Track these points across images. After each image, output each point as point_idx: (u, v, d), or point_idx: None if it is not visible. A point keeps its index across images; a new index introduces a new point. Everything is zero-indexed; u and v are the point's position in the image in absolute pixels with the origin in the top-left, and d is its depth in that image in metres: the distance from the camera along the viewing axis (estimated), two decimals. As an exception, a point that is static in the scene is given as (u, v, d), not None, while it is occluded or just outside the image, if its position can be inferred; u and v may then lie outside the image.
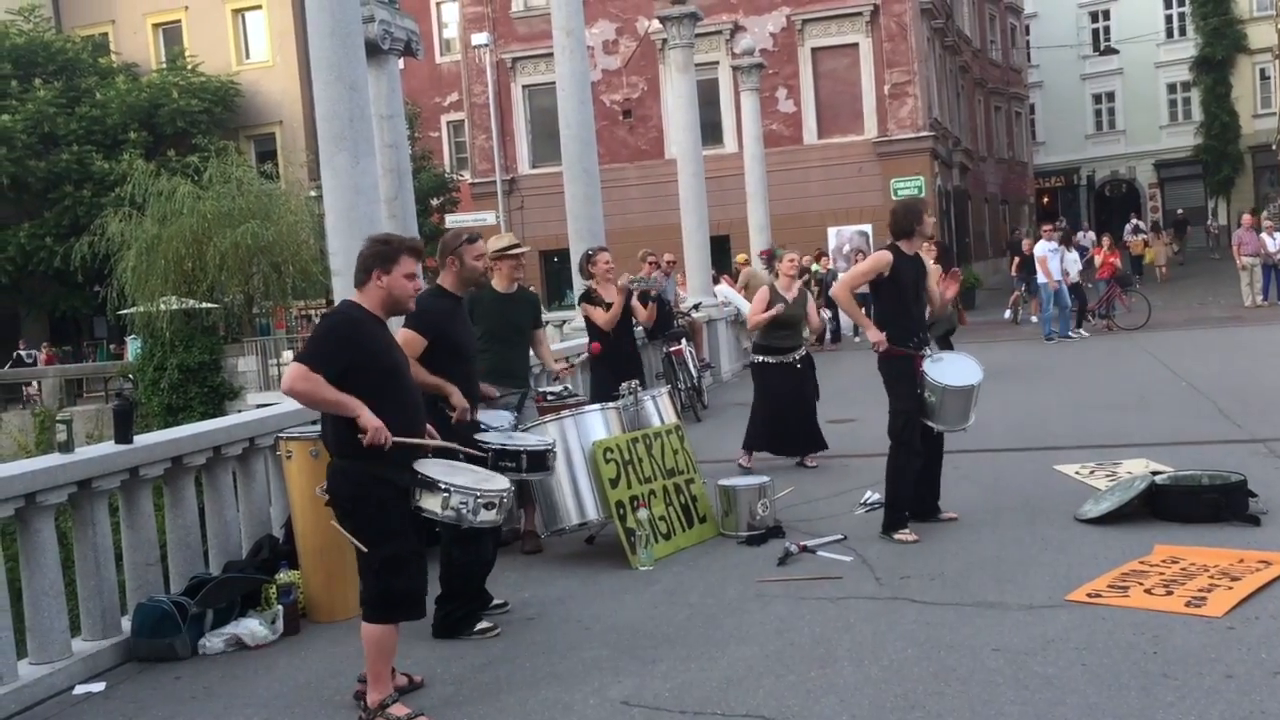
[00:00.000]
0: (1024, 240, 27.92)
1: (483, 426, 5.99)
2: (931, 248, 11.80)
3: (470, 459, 5.13)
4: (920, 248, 7.23)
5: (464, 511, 4.55)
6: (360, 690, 4.82)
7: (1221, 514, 6.68)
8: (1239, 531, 6.47)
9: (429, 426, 4.92)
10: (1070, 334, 19.56)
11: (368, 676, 4.72)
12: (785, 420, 9.43)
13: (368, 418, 4.45)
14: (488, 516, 4.63)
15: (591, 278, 9.13)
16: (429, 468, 4.68)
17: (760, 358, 9.62)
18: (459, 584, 5.73)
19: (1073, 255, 20.60)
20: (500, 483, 4.83)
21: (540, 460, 5.89)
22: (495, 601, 6.02)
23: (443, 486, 4.54)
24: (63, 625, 5.45)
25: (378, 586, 4.64)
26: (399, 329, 5.60)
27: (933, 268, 7.61)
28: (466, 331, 5.94)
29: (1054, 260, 19.35)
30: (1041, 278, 19.60)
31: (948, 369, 6.95)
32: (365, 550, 4.58)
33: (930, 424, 6.96)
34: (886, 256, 6.96)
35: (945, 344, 15.71)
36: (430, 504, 4.54)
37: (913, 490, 7.02)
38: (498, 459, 5.67)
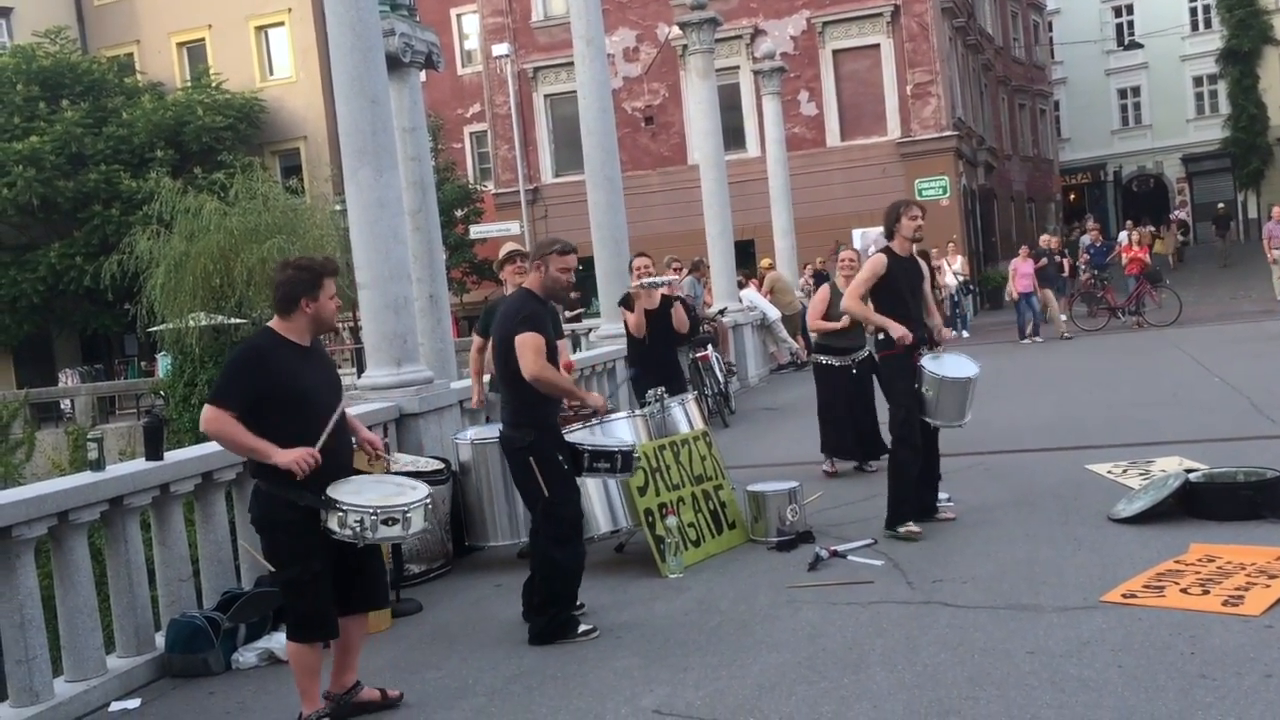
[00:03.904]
0: (1051, 239, 27.72)
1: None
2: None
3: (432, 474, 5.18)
4: (910, 249, 7.27)
5: (360, 529, 4.54)
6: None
7: (1258, 511, 6.59)
8: (1276, 528, 6.38)
9: (376, 440, 5.04)
10: None
11: (298, 691, 4.80)
12: (844, 423, 9.26)
13: (280, 456, 4.51)
14: (388, 532, 4.61)
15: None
16: (340, 487, 4.66)
17: (821, 358, 9.50)
18: (560, 586, 5.74)
19: None
20: (410, 496, 4.74)
21: (629, 460, 6.11)
22: None
23: (338, 505, 4.55)
24: (97, 642, 5.49)
25: (287, 607, 4.75)
26: (520, 335, 5.57)
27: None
28: (553, 336, 5.97)
29: None
30: None
31: (945, 364, 7.13)
32: (273, 570, 4.68)
33: (928, 420, 7.08)
34: (881, 259, 7.17)
35: None
36: (332, 524, 4.57)
37: (914, 489, 7.11)
38: (593, 460, 5.89)
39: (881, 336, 7.12)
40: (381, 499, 4.66)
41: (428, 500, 4.78)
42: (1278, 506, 6.60)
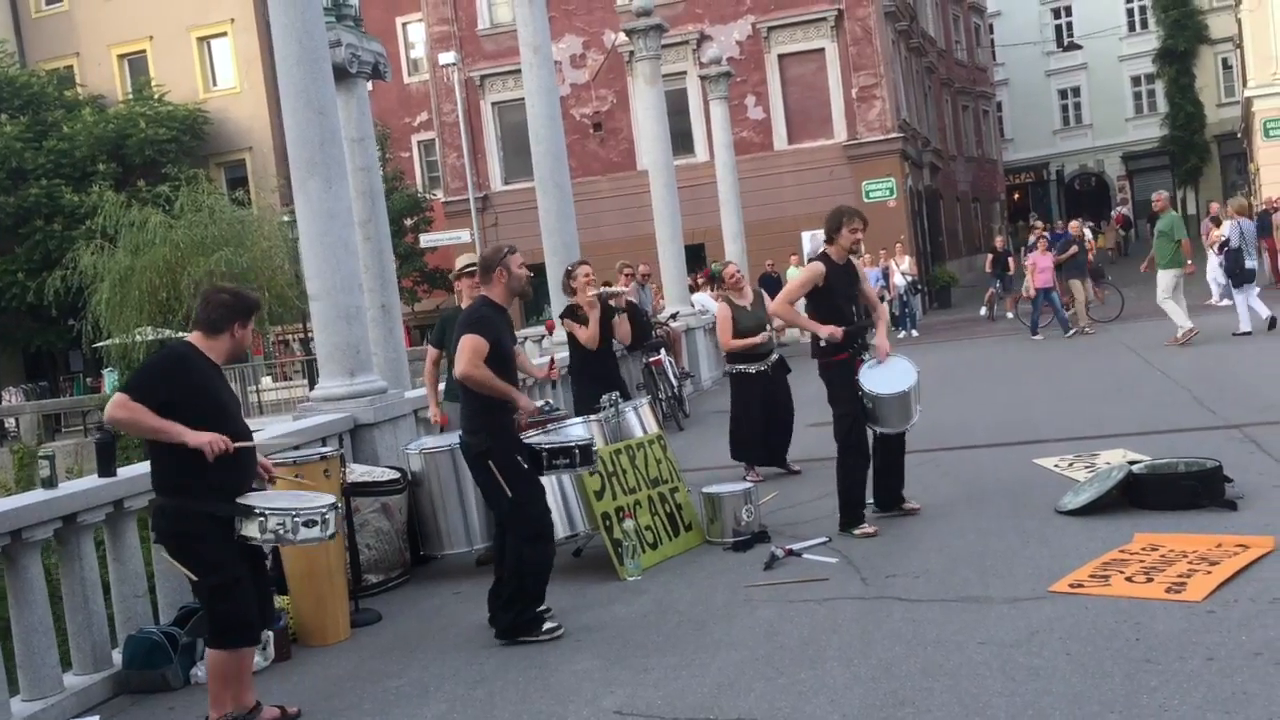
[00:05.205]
0: (997, 237, 28.15)
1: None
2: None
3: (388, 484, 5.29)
4: (846, 258, 7.23)
5: (283, 532, 4.64)
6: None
7: (1199, 500, 6.76)
8: (1216, 516, 6.55)
9: (268, 463, 5.17)
10: None
11: (209, 695, 4.83)
12: (766, 428, 9.36)
13: (193, 436, 4.54)
14: (310, 534, 4.71)
15: (575, 293, 8.95)
16: (249, 496, 4.77)
17: (736, 367, 9.54)
18: (530, 583, 5.79)
19: None
20: (322, 500, 4.89)
21: (588, 453, 6.20)
22: None
23: (257, 511, 4.62)
24: (53, 660, 5.45)
25: (210, 614, 4.76)
26: (463, 336, 5.67)
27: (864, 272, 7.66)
28: (511, 342, 6.05)
29: None
30: None
31: (881, 375, 7.12)
32: (195, 580, 4.71)
33: (873, 428, 7.16)
34: (819, 268, 7.17)
35: None
36: (250, 530, 4.64)
37: (864, 490, 7.21)
38: (552, 457, 5.99)
39: (824, 344, 7.12)
40: (298, 502, 4.78)
41: (337, 505, 4.96)
42: (1217, 495, 6.78)
